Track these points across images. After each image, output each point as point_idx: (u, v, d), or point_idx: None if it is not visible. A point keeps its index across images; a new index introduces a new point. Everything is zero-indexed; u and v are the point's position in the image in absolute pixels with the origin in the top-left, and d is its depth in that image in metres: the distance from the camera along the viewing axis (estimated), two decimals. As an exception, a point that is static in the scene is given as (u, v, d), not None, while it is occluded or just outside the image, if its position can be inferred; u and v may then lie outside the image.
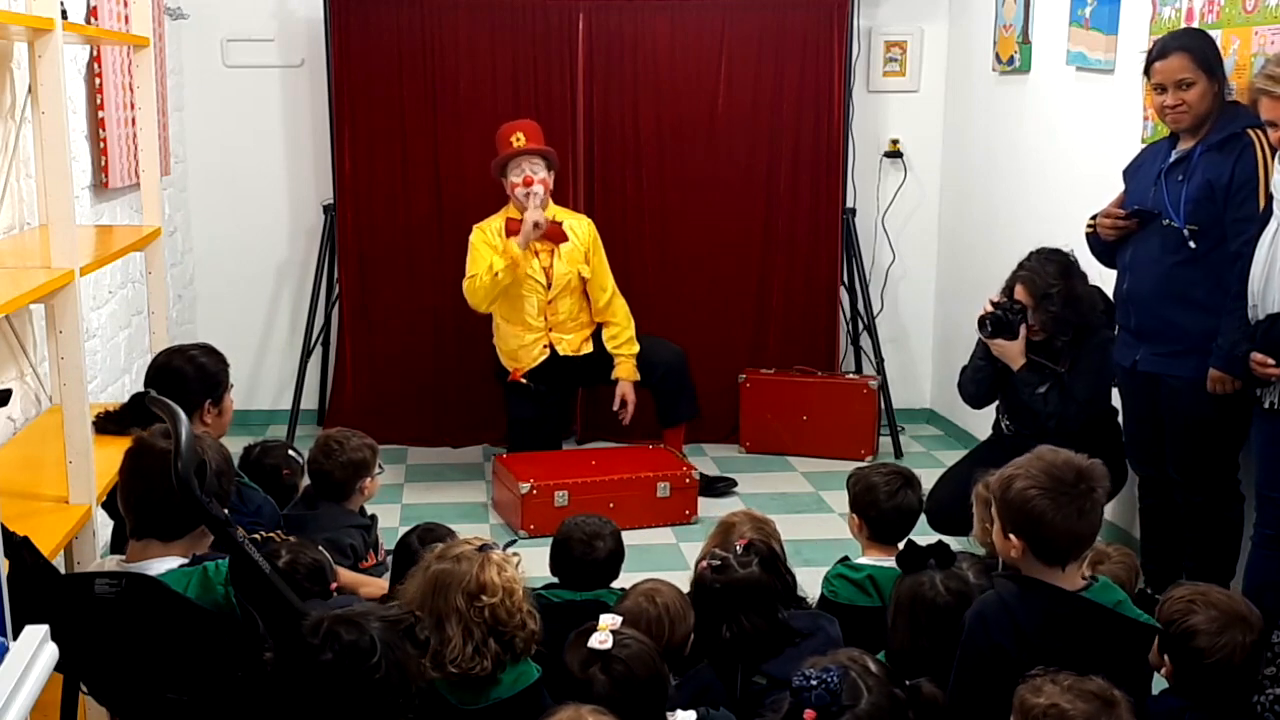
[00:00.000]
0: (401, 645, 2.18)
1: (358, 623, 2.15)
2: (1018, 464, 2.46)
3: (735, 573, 2.79)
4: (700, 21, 5.70)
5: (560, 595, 3.13)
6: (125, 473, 2.49)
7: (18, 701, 1.38)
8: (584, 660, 2.43)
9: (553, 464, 4.96)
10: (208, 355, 3.35)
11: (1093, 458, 2.46)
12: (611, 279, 5.21)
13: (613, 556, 3.18)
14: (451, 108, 5.64)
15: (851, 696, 2.12)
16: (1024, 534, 2.40)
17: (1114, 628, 2.40)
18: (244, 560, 2.41)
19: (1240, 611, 2.56)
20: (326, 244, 5.76)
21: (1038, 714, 2.11)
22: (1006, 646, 2.35)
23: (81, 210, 3.95)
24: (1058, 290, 3.99)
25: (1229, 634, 2.51)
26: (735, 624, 2.77)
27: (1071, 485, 2.38)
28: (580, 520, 3.24)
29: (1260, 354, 3.12)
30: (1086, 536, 2.44)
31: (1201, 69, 3.43)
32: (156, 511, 2.43)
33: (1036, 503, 2.37)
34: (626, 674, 2.41)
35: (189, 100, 5.69)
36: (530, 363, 5.09)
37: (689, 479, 4.89)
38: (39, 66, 2.83)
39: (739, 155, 5.79)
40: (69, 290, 2.85)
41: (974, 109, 5.70)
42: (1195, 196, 3.43)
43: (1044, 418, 4.00)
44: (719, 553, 2.87)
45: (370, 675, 2.11)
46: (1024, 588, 2.42)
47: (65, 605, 2.24)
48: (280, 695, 2.17)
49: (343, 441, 3.69)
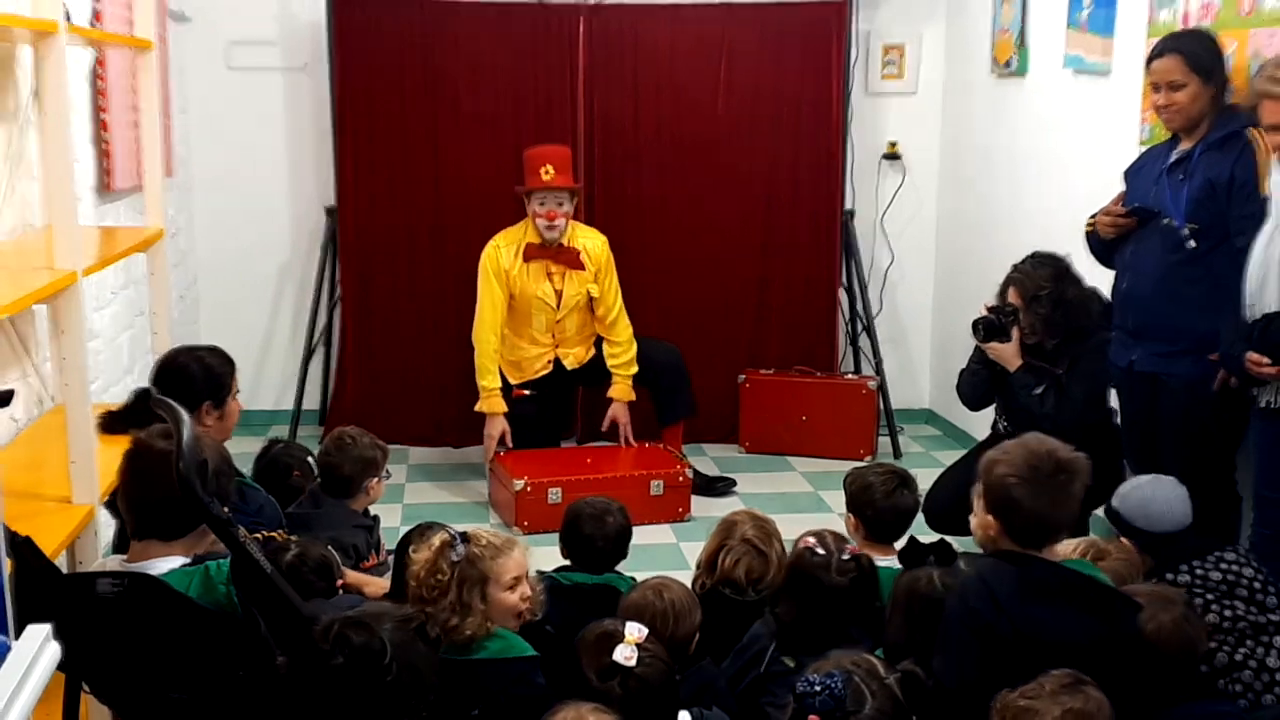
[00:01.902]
0: (413, 645, 2.20)
1: (368, 625, 2.16)
2: (1005, 448, 2.57)
3: (829, 575, 2.82)
4: (700, 24, 5.72)
5: (571, 578, 3.15)
6: (125, 474, 2.50)
7: (20, 701, 1.39)
8: (603, 670, 2.45)
9: (548, 462, 4.99)
10: (215, 356, 3.37)
11: (1078, 452, 2.51)
12: (620, 299, 5.20)
13: (622, 533, 3.21)
14: (453, 110, 5.66)
15: (855, 702, 2.14)
16: (998, 515, 2.51)
17: (1088, 592, 2.47)
18: (245, 560, 2.43)
19: (1167, 595, 2.66)
20: (328, 246, 5.78)
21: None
22: (981, 610, 2.41)
23: (85, 212, 3.96)
24: (1047, 293, 4.01)
25: (1159, 616, 2.57)
26: (805, 611, 2.80)
27: (1048, 475, 2.46)
28: (589, 499, 3.29)
29: (1256, 354, 3.13)
30: (1059, 524, 2.53)
31: (1194, 71, 3.44)
32: (156, 512, 2.43)
33: (1013, 490, 2.47)
34: (642, 689, 2.43)
35: (192, 102, 5.71)
36: (534, 375, 5.12)
37: (682, 477, 4.91)
38: (43, 69, 2.84)
39: (738, 157, 5.81)
40: (72, 291, 2.86)
41: (972, 111, 5.71)
42: (1196, 196, 3.44)
43: (1040, 419, 4.01)
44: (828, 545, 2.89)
45: (382, 678, 2.12)
46: (997, 559, 2.51)
47: (67, 605, 2.25)
48: (293, 699, 2.18)
49: (356, 438, 3.73)
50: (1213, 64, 3.47)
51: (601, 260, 5.14)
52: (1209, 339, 3.38)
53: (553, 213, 4.98)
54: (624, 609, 2.77)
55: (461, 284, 5.54)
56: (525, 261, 5.02)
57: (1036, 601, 2.41)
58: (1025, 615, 2.37)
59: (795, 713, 2.14)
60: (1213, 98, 3.47)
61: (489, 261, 5.06)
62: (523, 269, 5.03)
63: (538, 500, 4.70)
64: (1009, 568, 2.47)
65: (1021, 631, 2.36)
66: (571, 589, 3.10)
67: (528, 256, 5.03)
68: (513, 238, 5.08)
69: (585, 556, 3.18)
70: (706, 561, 3.20)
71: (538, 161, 5.02)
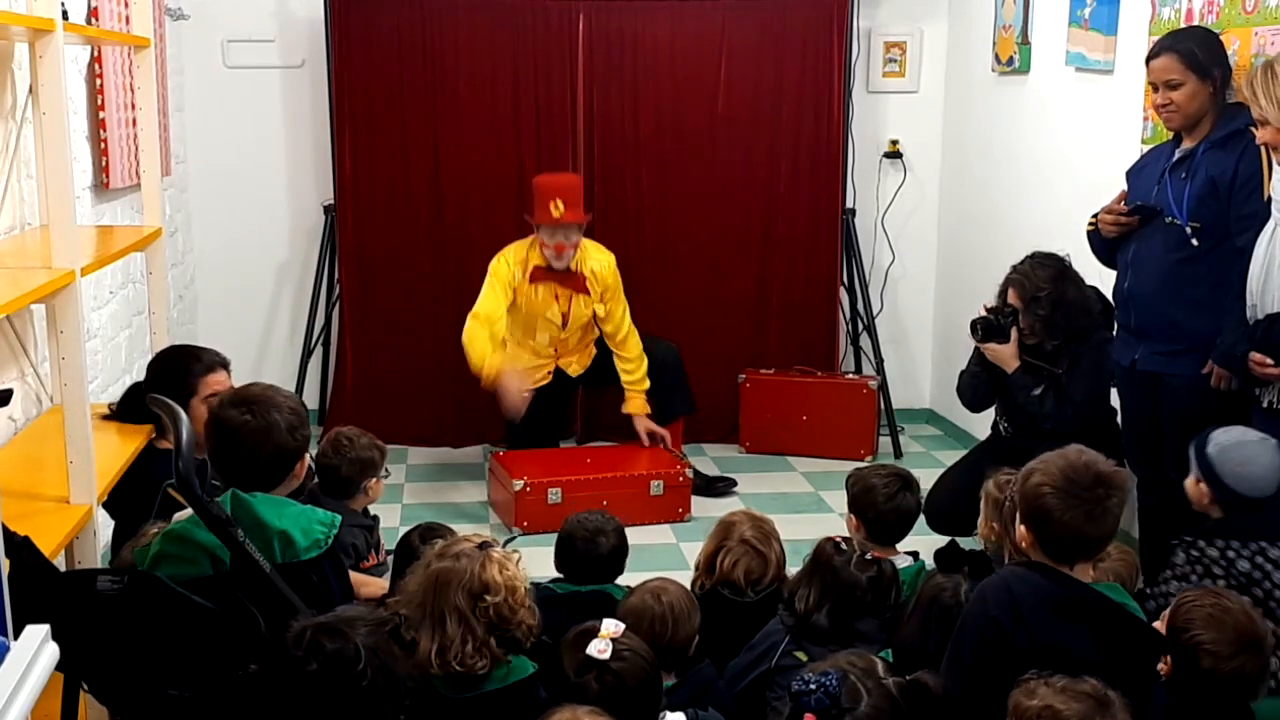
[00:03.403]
0: (388, 648, 2.17)
1: (341, 631, 2.14)
2: (1045, 458, 2.49)
3: (844, 571, 2.83)
4: (700, 21, 5.71)
5: (565, 587, 3.14)
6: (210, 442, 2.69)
7: (19, 701, 1.39)
8: (580, 665, 2.44)
9: (548, 462, 4.97)
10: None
11: (1120, 467, 2.47)
12: (628, 317, 5.16)
13: (616, 552, 3.19)
14: (452, 108, 5.64)
15: (851, 699, 2.12)
16: (1032, 527, 2.45)
17: (1115, 620, 2.40)
18: (245, 560, 2.42)
19: (1257, 633, 2.48)
20: (327, 244, 5.77)
21: (1032, 715, 2.12)
22: (1001, 620, 2.37)
23: (82, 211, 3.95)
24: (1047, 294, 4.00)
25: (1240, 659, 2.45)
26: (822, 602, 2.81)
27: (1086, 489, 2.39)
28: (583, 517, 3.26)
29: (1259, 354, 3.13)
30: (1094, 540, 2.44)
31: (1191, 70, 3.44)
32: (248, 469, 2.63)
33: (1046, 500, 2.40)
34: (617, 685, 2.41)
35: (190, 101, 5.69)
36: (534, 384, 5.11)
37: (683, 477, 4.90)
38: (40, 67, 2.83)
39: (739, 155, 5.80)
40: (70, 290, 2.85)
41: (973, 110, 5.70)
42: (1199, 193, 3.43)
43: (1040, 419, 4.01)
44: (851, 542, 2.92)
45: (356, 683, 2.09)
46: (1028, 569, 2.45)
47: (67, 603, 2.24)
48: (266, 705, 2.17)
49: (354, 439, 3.72)
50: (1211, 62, 3.45)
51: (608, 280, 5.10)
52: (1211, 338, 3.38)
53: (561, 245, 4.95)
54: (622, 613, 2.75)
55: (461, 282, 5.53)
56: (531, 284, 5.00)
57: (1060, 619, 2.36)
58: (1046, 632, 2.32)
59: (792, 712, 2.13)
60: (1211, 96, 3.46)
61: (500, 267, 5.01)
62: (530, 289, 5.01)
63: (537, 500, 4.68)
64: (1037, 580, 2.40)
65: (1039, 646, 2.31)
66: (567, 598, 3.08)
67: (534, 279, 5.00)
68: (519, 255, 5.03)
69: (579, 575, 3.17)
70: (705, 562, 3.19)
71: (547, 195, 4.93)
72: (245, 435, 2.62)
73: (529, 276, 5.00)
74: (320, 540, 2.58)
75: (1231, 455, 2.99)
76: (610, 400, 5.33)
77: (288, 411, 2.68)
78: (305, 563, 2.54)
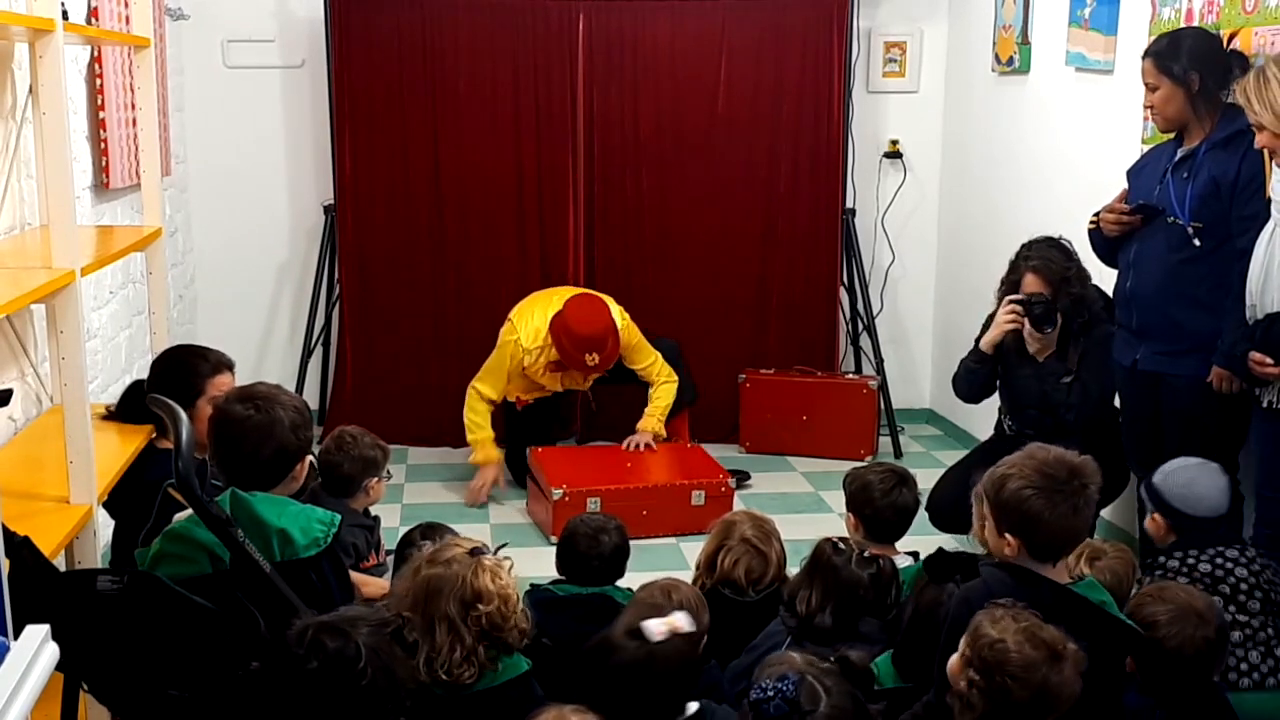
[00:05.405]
0: (389, 649, 2.17)
1: (343, 630, 2.13)
2: (1009, 462, 2.47)
3: (845, 570, 2.83)
4: (700, 21, 5.71)
5: (566, 589, 3.13)
6: (212, 439, 2.68)
7: (19, 701, 1.38)
8: (632, 630, 2.43)
9: (586, 466, 4.92)
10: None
11: (1085, 455, 2.47)
12: (650, 356, 5.16)
13: (618, 552, 3.18)
14: (452, 108, 5.64)
15: (810, 700, 2.10)
16: (1020, 533, 2.41)
17: (1094, 622, 2.41)
18: (245, 560, 2.42)
19: (1196, 607, 2.59)
20: (327, 244, 5.77)
21: (983, 645, 2.16)
22: None
23: (82, 210, 3.95)
24: (1074, 271, 4.01)
25: (1179, 625, 2.55)
26: (824, 603, 2.81)
27: (1064, 482, 2.40)
28: (585, 517, 3.26)
29: (1259, 353, 3.13)
30: (1080, 532, 2.48)
31: (1162, 74, 3.45)
32: (249, 467, 2.62)
33: (1032, 502, 2.38)
34: (649, 662, 2.40)
35: (190, 101, 5.69)
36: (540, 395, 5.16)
37: (724, 487, 4.82)
38: (40, 67, 2.83)
39: (739, 155, 5.80)
40: (70, 290, 2.85)
41: (973, 110, 5.70)
42: (1201, 193, 3.43)
43: (1064, 409, 4.00)
44: (852, 542, 2.92)
45: (357, 682, 2.09)
46: (1010, 574, 2.44)
47: (67, 603, 2.24)
48: (266, 704, 2.17)
49: (357, 437, 3.72)
50: (1189, 65, 3.42)
51: (628, 345, 5.07)
52: (1212, 339, 3.37)
53: (590, 374, 5.02)
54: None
55: (461, 282, 5.54)
56: (552, 372, 5.03)
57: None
58: None
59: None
60: (1187, 99, 3.45)
61: (510, 353, 5.00)
62: (551, 376, 5.04)
63: (576, 509, 4.43)
64: (1015, 583, 2.39)
65: None
66: (567, 600, 3.08)
67: (555, 369, 5.03)
68: (537, 345, 4.97)
69: (580, 575, 3.16)
70: (706, 562, 3.19)
71: (583, 345, 4.87)
72: (249, 430, 2.62)
73: (548, 367, 5.02)
74: (320, 539, 2.57)
75: (1175, 479, 3.10)
76: (612, 400, 5.32)
77: (292, 410, 2.68)
78: (304, 561, 2.54)
